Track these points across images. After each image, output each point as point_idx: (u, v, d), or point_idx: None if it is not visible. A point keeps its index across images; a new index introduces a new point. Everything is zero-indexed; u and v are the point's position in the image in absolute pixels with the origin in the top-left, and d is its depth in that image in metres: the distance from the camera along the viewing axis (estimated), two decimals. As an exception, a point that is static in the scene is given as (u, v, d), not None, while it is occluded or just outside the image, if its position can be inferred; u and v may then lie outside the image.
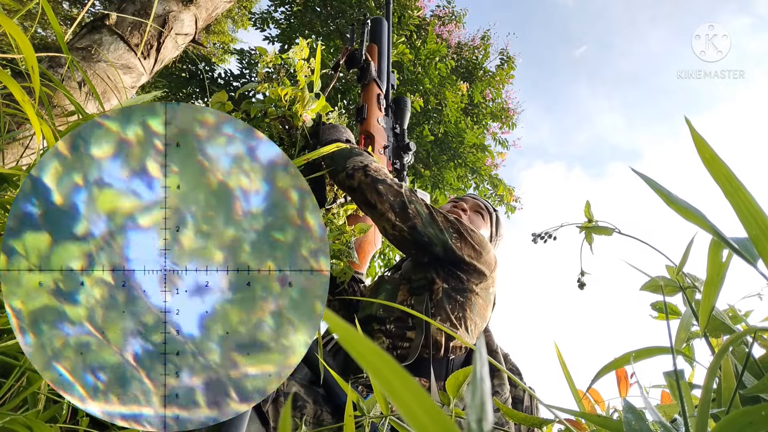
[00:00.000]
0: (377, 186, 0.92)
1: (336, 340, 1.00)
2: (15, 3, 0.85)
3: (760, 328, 0.35)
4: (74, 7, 5.97)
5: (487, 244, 1.00)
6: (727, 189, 0.29)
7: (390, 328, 0.93)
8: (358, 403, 0.49)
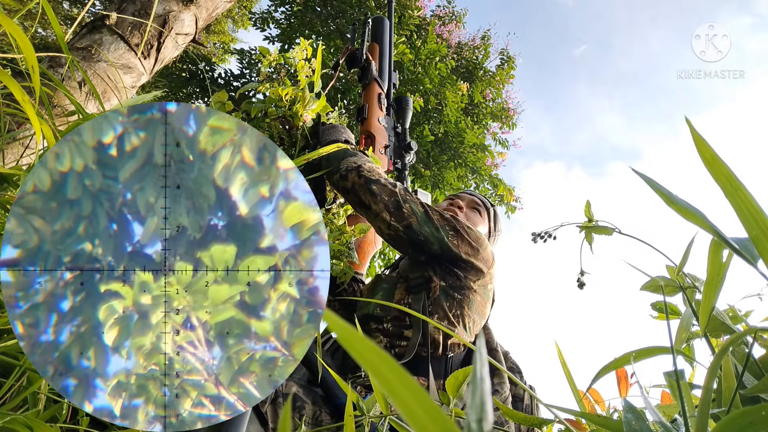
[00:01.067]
0: (371, 186, 0.91)
1: (333, 340, 1.00)
2: (15, 3, 0.85)
3: (760, 329, 0.35)
4: (74, 7, 5.97)
5: (484, 240, 0.99)
6: (727, 189, 0.29)
7: (387, 327, 0.93)
8: (357, 403, 0.49)
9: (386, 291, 1.00)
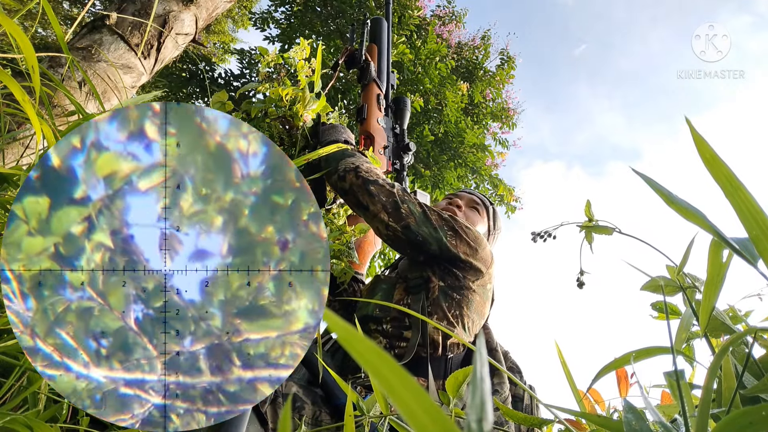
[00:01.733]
0: (368, 187, 0.91)
1: (333, 341, 1.00)
2: (15, 3, 0.85)
3: (760, 329, 0.35)
4: (74, 7, 5.97)
5: (483, 240, 0.99)
6: (727, 189, 0.29)
7: (387, 328, 0.93)
8: (357, 403, 0.49)
9: (385, 291, 1.00)
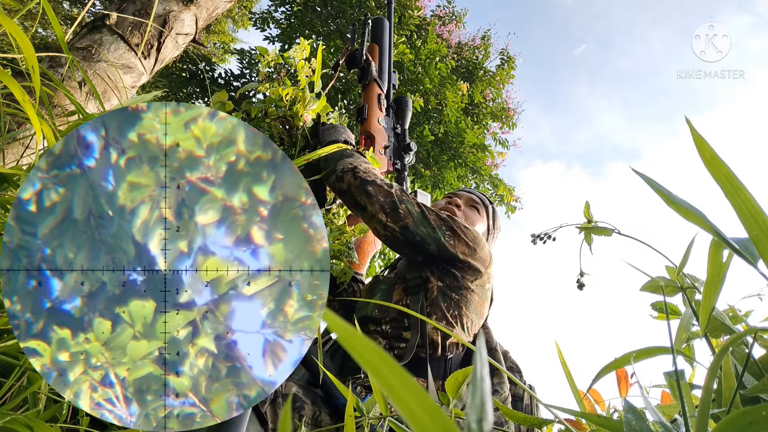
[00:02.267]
0: (366, 187, 0.91)
1: (333, 341, 1.00)
2: (16, 3, 0.85)
3: (760, 329, 0.35)
4: (74, 7, 5.97)
5: (482, 240, 0.98)
6: (727, 189, 0.29)
7: (386, 329, 0.92)
8: (357, 404, 0.49)
9: (384, 292, 0.99)
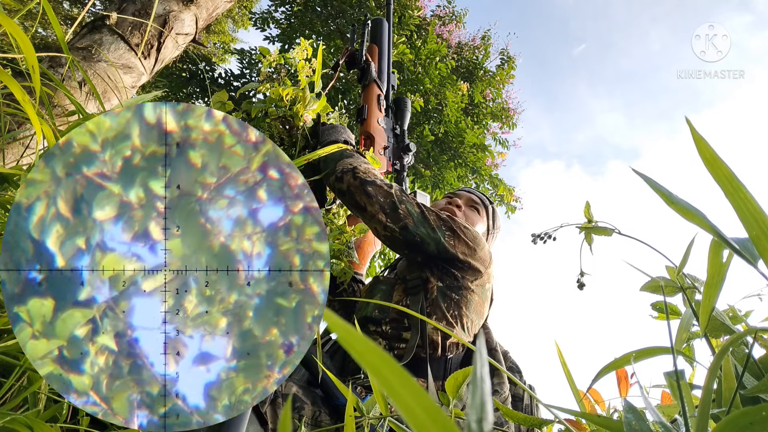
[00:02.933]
0: (366, 188, 0.91)
1: (333, 341, 1.00)
2: (16, 3, 0.85)
3: (760, 329, 0.35)
4: (75, 7, 5.97)
5: (482, 240, 0.98)
6: (727, 189, 0.29)
7: (386, 329, 0.92)
8: (357, 404, 0.49)
9: (384, 292, 0.99)
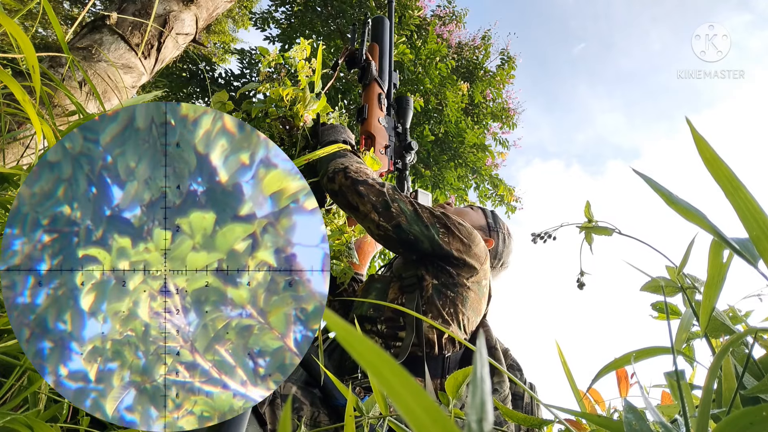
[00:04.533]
0: (358, 187, 0.90)
1: (331, 341, 1.00)
2: (16, 3, 0.85)
3: (761, 329, 0.35)
4: (75, 6, 5.97)
5: (477, 236, 0.97)
6: (727, 189, 0.29)
7: (381, 328, 0.92)
8: (357, 404, 0.49)
9: (379, 291, 0.99)
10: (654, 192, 0.34)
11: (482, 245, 0.98)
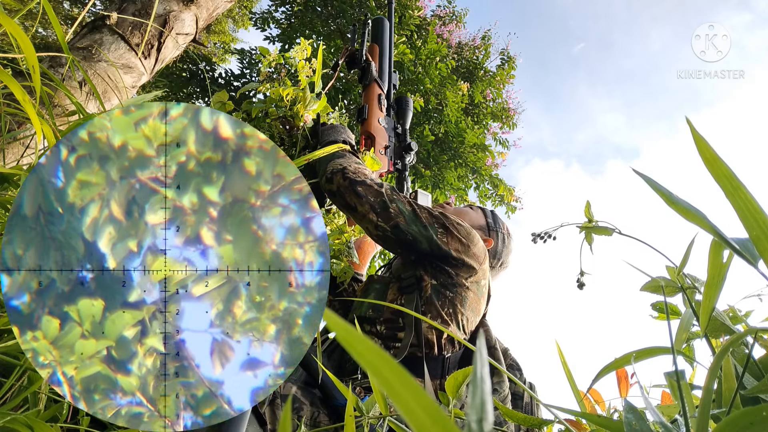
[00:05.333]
0: (356, 188, 0.90)
1: (330, 341, 1.00)
2: (16, 3, 0.85)
3: (761, 329, 0.35)
4: (75, 6, 5.97)
5: (475, 235, 0.97)
6: (728, 189, 0.29)
7: (380, 329, 0.92)
8: (357, 404, 0.49)
9: (378, 291, 0.99)
10: (654, 192, 0.34)
11: (481, 245, 0.98)
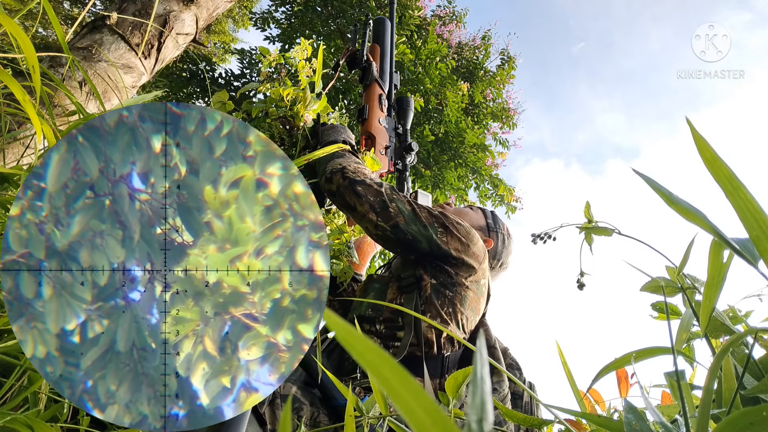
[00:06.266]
0: (355, 187, 0.90)
1: (330, 341, 1.00)
2: (16, 3, 0.85)
3: (761, 329, 0.35)
4: (75, 6, 5.98)
5: (475, 235, 0.97)
6: (728, 189, 0.29)
7: (380, 328, 0.92)
8: (357, 404, 0.49)
9: (378, 291, 0.99)
10: (654, 192, 0.34)
11: (480, 244, 0.98)
